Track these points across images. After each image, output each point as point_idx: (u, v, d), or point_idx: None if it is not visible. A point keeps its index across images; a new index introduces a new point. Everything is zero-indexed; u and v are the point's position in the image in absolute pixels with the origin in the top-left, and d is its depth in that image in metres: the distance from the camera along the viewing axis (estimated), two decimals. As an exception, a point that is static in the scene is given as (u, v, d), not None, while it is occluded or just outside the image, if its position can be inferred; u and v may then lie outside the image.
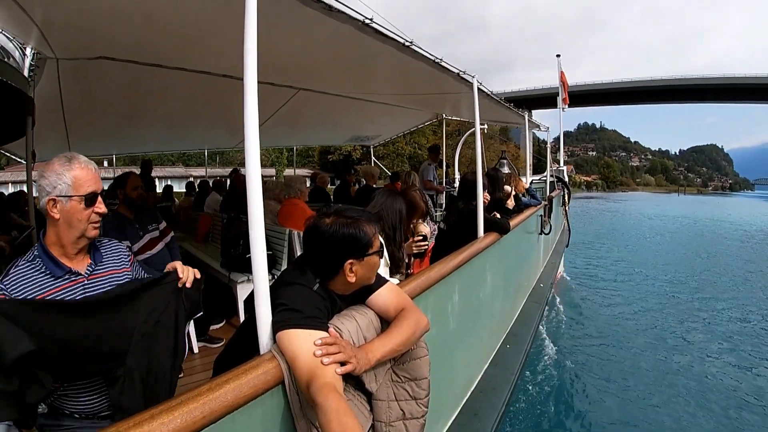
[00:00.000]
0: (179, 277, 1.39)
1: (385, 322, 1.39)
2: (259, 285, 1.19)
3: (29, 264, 1.25)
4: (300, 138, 9.26)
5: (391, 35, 2.21)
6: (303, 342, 1.10)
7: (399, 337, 1.30)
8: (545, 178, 8.06)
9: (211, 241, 5.06)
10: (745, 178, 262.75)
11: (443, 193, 7.34)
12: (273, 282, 1.35)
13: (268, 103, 4.66)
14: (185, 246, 4.85)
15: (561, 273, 9.15)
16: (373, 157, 9.98)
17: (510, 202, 4.48)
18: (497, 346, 3.50)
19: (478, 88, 3.28)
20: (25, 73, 2.54)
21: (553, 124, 9.29)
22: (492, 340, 3.45)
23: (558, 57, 10.50)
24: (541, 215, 5.67)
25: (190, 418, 0.89)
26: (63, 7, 1.93)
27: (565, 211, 8.72)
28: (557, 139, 13.25)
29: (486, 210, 3.28)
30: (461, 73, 3.04)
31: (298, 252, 3.39)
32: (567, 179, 9.43)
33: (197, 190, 7.52)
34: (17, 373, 0.99)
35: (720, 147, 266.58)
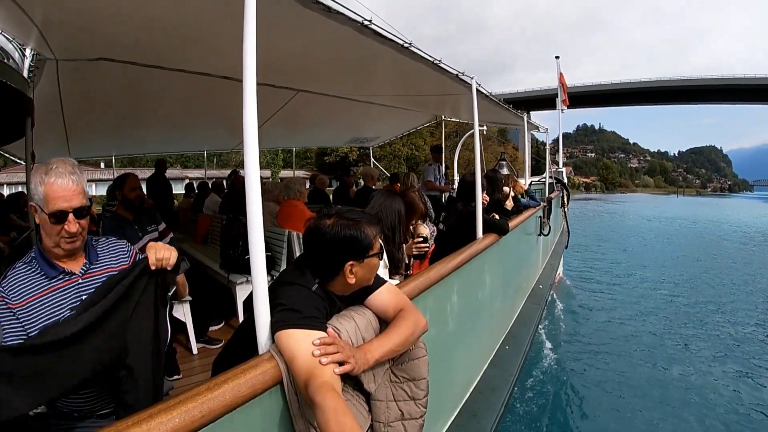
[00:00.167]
0: (149, 264, 1.28)
1: (384, 323, 1.39)
2: (257, 286, 1.19)
3: (26, 266, 1.26)
4: (299, 139, 9.26)
5: (390, 36, 2.21)
6: (301, 342, 1.11)
7: (397, 338, 1.30)
8: (544, 180, 8.07)
9: (210, 242, 5.06)
10: (744, 179, 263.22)
11: (448, 192, 7.24)
12: (272, 282, 1.35)
13: (267, 104, 4.66)
14: (184, 247, 4.85)
15: (560, 274, 9.15)
16: (373, 159, 9.98)
17: (509, 203, 4.48)
18: (496, 346, 3.50)
19: (477, 90, 3.28)
20: (25, 74, 2.53)
21: (552, 125, 9.30)
22: (491, 341, 3.45)
23: (557, 58, 10.47)
24: (540, 216, 5.68)
25: (188, 418, 0.89)
26: (63, 8, 1.93)
27: (564, 212, 8.73)
28: (556, 141, 13.26)
29: (485, 211, 3.28)
30: (460, 74, 3.04)
31: (297, 253, 3.39)
32: (566, 181, 9.43)
33: (196, 191, 7.53)
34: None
35: (719, 148, 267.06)
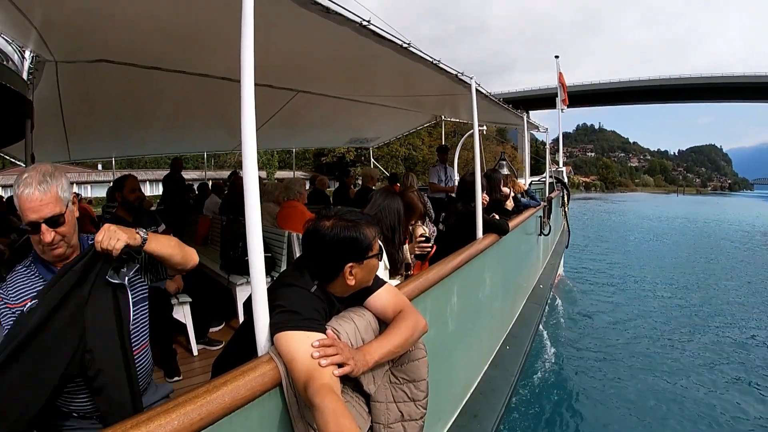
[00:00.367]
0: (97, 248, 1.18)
1: (384, 324, 1.39)
2: (256, 287, 1.19)
3: (26, 269, 1.28)
4: (299, 140, 9.26)
5: (389, 37, 2.21)
6: (301, 344, 1.10)
7: (397, 339, 1.29)
8: (544, 179, 8.07)
9: (210, 243, 5.05)
10: (744, 178, 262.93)
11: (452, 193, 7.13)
12: (271, 283, 1.35)
13: (266, 105, 4.67)
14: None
15: (561, 274, 9.14)
16: (373, 159, 9.99)
17: (509, 203, 4.48)
18: (497, 347, 3.49)
19: (477, 90, 3.28)
20: (24, 76, 2.54)
21: (552, 125, 9.27)
22: (491, 342, 3.44)
23: (557, 58, 10.45)
24: (540, 216, 5.68)
25: (187, 420, 0.89)
26: (62, 10, 1.93)
27: (565, 212, 8.72)
28: (556, 140, 13.25)
29: (485, 211, 3.28)
30: (459, 74, 3.04)
31: (297, 254, 3.38)
32: (566, 180, 9.42)
33: (196, 192, 7.53)
34: None
35: (719, 147, 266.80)
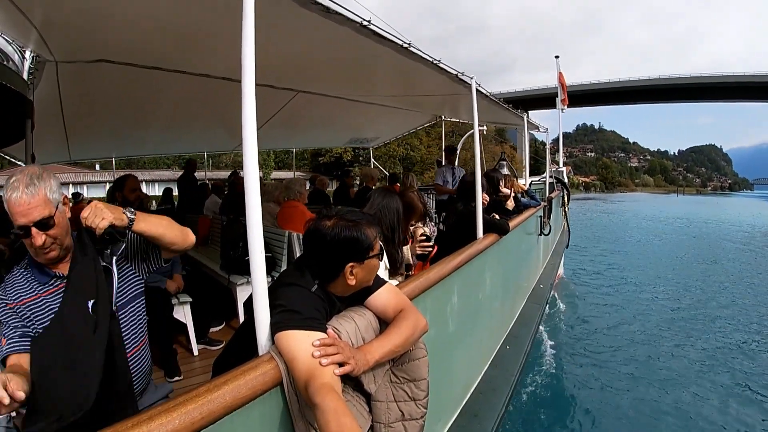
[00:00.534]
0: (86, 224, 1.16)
1: (384, 323, 1.39)
2: (257, 286, 1.19)
3: (23, 271, 1.28)
4: (299, 140, 9.25)
5: (390, 37, 2.21)
6: (301, 343, 1.10)
7: (398, 338, 1.30)
8: (544, 179, 8.07)
9: (210, 243, 5.05)
10: (745, 178, 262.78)
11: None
12: (272, 283, 1.35)
13: (266, 105, 4.66)
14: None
15: (561, 274, 9.14)
16: (373, 160, 9.99)
17: (510, 203, 4.48)
18: (497, 347, 3.49)
19: (477, 89, 3.28)
20: (25, 76, 2.54)
21: (552, 125, 9.27)
22: (492, 341, 3.44)
23: (557, 58, 10.44)
24: (540, 216, 5.67)
25: (188, 419, 0.89)
26: (62, 10, 1.93)
27: (565, 212, 8.72)
28: (556, 140, 13.24)
29: (485, 211, 3.28)
30: (459, 74, 3.04)
31: (298, 254, 3.39)
32: (566, 180, 9.42)
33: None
34: None
35: (719, 147, 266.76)
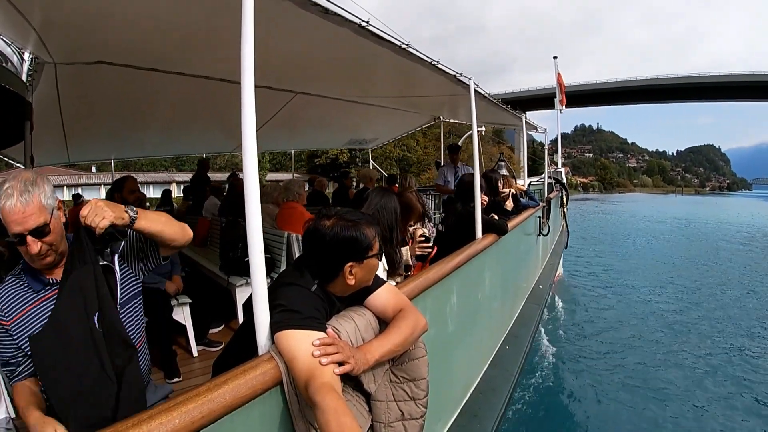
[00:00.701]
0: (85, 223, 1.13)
1: (384, 323, 1.39)
2: (257, 287, 1.20)
3: (16, 279, 1.25)
4: (298, 141, 9.26)
5: (388, 38, 2.22)
6: (301, 342, 1.11)
7: (397, 338, 1.30)
8: (543, 180, 8.08)
9: (209, 244, 5.05)
10: (743, 178, 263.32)
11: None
12: (271, 283, 1.35)
13: (265, 107, 4.67)
14: (184, 250, 4.83)
15: (560, 274, 9.15)
16: (372, 161, 10.00)
17: (509, 204, 4.49)
18: (496, 347, 3.50)
19: (475, 90, 3.29)
20: (24, 77, 2.54)
21: (550, 125, 9.32)
22: (491, 341, 3.45)
23: (555, 59, 10.44)
24: (539, 217, 5.68)
25: (188, 419, 0.89)
26: (61, 12, 1.93)
27: (564, 212, 8.74)
28: (554, 141, 13.25)
29: (484, 212, 3.28)
30: (458, 74, 3.05)
31: (297, 255, 3.39)
32: (565, 181, 9.44)
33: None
34: None
35: (717, 147, 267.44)
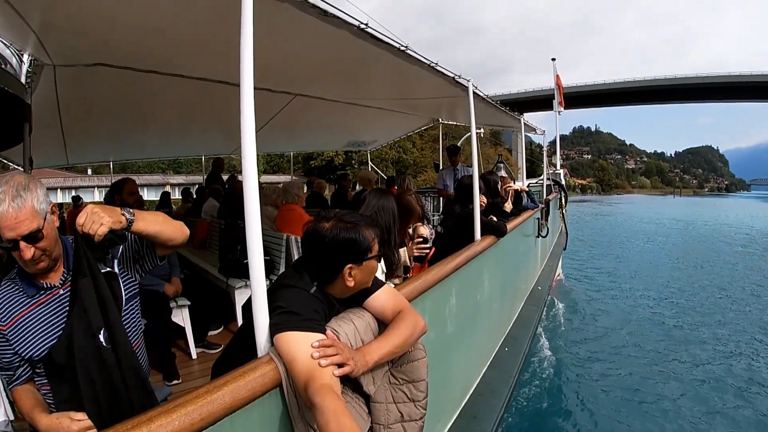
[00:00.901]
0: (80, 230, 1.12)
1: (383, 325, 1.40)
2: (256, 288, 1.19)
3: (11, 283, 1.24)
4: (296, 144, 9.27)
5: (387, 40, 2.22)
6: (301, 344, 1.11)
7: (396, 339, 1.30)
8: (542, 182, 8.09)
9: (208, 247, 5.05)
10: (741, 179, 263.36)
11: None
12: (270, 285, 1.35)
13: (264, 109, 4.67)
14: (183, 252, 4.83)
15: (559, 276, 9.15)
16: (370, 162, 10.01)
17: (508, 206, 4.50)
18: (495, 348, 3.50)
19: (474, 92, 3.30)
20: (23, 79, 2.54)
21: (548, 127, 9.32)
22: (490, 343, 3.45)
23: (553, 60, 10.44)
24: (538, 218, 5.69)
25: (188, 421, 0.89)
26: (60, 14, 1.94)
27: (563, 214, 8.75)
28: (553, 143, 13.26)
29: (483, 214, 3.29)
30: (456, 77, 3.06)
31: (296, 257, 3.39)
32: (564, 182, 9.46)
33: (194, 196, 7.52)
34: None
35: (715, 148, 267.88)
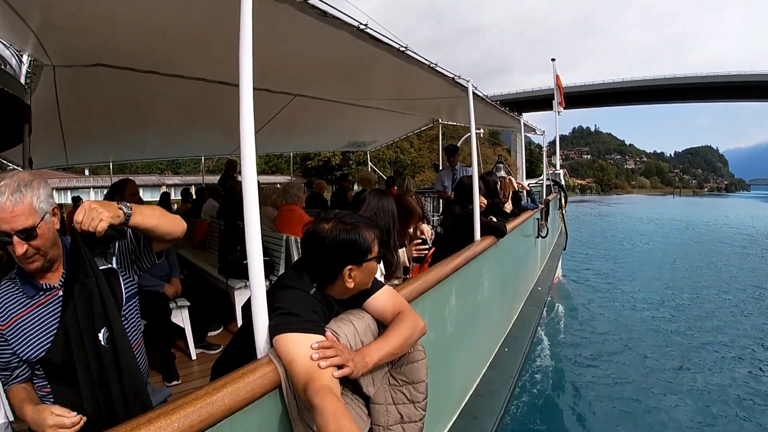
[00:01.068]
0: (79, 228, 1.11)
1: (382, 326, 1.39)
2: (255, 289, 1.19)
3: (10, 283, 1.24)
4: (296, 144, 9.27)
5: (386, 40, 2.22)
6: (300, 346, 1.10)
7: (396, 340, 1.30)
8: (541, 182, 8.09)
9: (208, 247, 5.05)
10: (741, 179, 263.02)
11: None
12: (270, 286, 1.35)
13: (264, 109, 4.68)
14: (183, 253, 4.84)
15: (559, 276, 9.15)
16: (370, 163, 10.01)
17: (508, 206, 4.50)
18: (495, 349, 3.49)
19: (474, 93, 3.30)
20: (22, 80, 2.54)
21: (548, 127, 9.32)
22: (490, 344, 3.44)
23: (553, 61, 10.42)
24: (538, 219, 5.69)
25: (187, 422, 0.88)
26: (60, 14, 1.94)
27: (562, 214, 8.75)
28: (552, 143, 13.26)
29: (482, 214, 3.29)
30: (456, 77, 3.06)
31: (295, 258, 3.39)
32: (563, 183, 9.46)
33: (194, 197, 7.53)
34: None
35: (715, 148, 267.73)
